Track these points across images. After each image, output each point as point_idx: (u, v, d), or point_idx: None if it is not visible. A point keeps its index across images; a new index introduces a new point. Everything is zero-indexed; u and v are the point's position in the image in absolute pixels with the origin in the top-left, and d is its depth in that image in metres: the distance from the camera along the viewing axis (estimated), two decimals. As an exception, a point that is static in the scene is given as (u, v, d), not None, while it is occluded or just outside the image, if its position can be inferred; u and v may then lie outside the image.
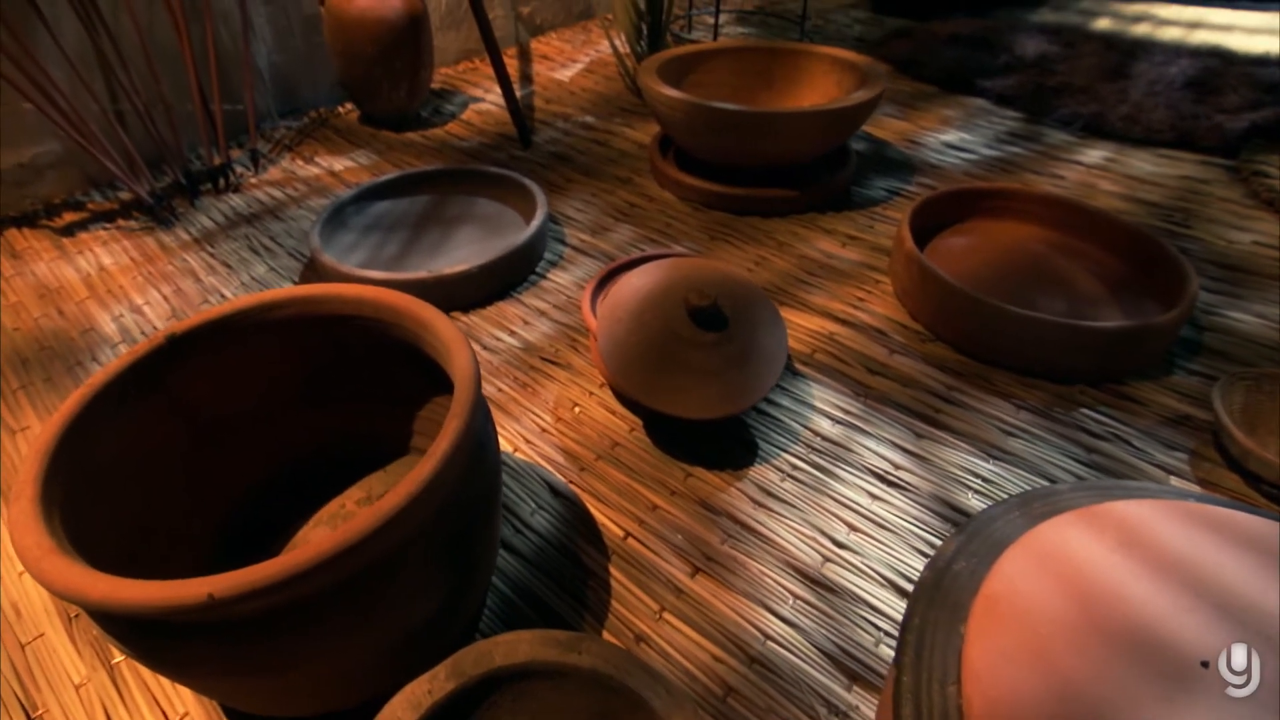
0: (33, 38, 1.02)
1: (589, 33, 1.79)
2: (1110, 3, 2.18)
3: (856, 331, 0.88)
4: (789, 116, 1.00)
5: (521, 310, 0.91)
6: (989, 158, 1.27)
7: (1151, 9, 2.09)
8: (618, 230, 1.06)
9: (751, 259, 1.00)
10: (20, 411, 0.81)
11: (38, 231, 1.10)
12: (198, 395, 0.58)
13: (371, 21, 1.22)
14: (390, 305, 0.56)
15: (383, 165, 1.24)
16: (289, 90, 1.39)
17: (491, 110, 1.42)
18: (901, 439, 0.74)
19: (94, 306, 0.96)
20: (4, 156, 1.10)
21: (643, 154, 1.26)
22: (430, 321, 0.53)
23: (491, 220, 1.04)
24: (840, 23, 1.91)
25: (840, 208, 1.11)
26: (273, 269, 1.01)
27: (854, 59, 1.18)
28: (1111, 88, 1.48)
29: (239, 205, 1.15)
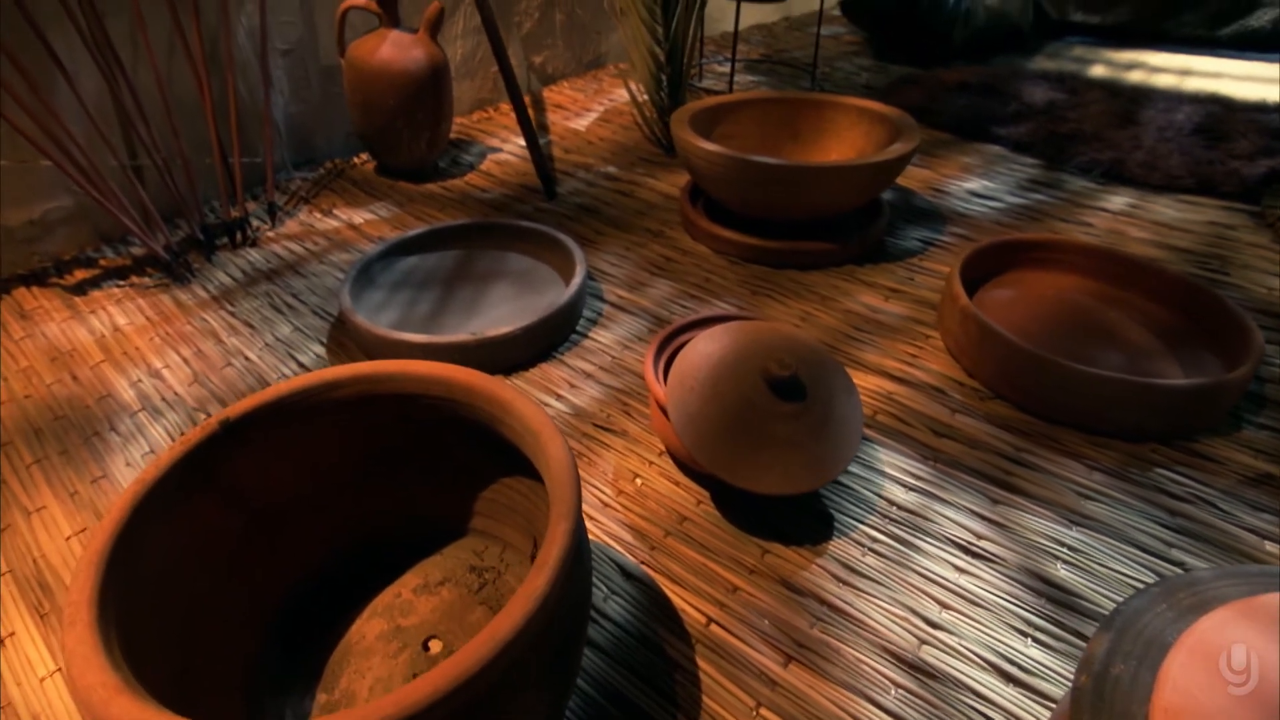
0: (51, 90, 0.99)
1: (600, 81, 1.79)
2: (1100, 50, 2.23)
3: (915, 390, 0.85)
4: (832, 170, 0.99)
5: (566, 372, 0.87)
6: (1015, 206, 1.27)
7: (1141, 56, 2.15)
8: (655, 286, 1.03)
9: (796, 315, 0.98)
10: (35, 489, 0.75)
11: (48, 290, 1.05)
12: (250, 483, 0.53)
13: (394, 73, 1.20)
14: (464, 385, 0.52)
15: (404, 218, 1.21)
16: (304, 141, 1.37)
17: (510, 160, 1.40)
18: (978, 505, 0.71)
19: (110, 370, 0.91)
20: (14, 213, 1.06)
21: (670, 205, 1.24)
22: (511, 404, 0.50)
23: (526, 276, 1.01)
24: (846, 70, 1.93)
25: (877, 260, 1.10)
26: (298, 329, 0.97)
27: (881, 109, 1.18)
28: (1123, 134, 1.50)
29: (257, 260, 1.12)
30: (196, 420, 0.83)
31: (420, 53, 1.21)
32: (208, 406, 0.85)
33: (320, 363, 0.90)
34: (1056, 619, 0.61)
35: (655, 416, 0.73)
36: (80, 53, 1.01)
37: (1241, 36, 2.23)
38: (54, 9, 0.97)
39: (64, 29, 0.99)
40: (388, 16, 1.21)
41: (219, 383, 0.88)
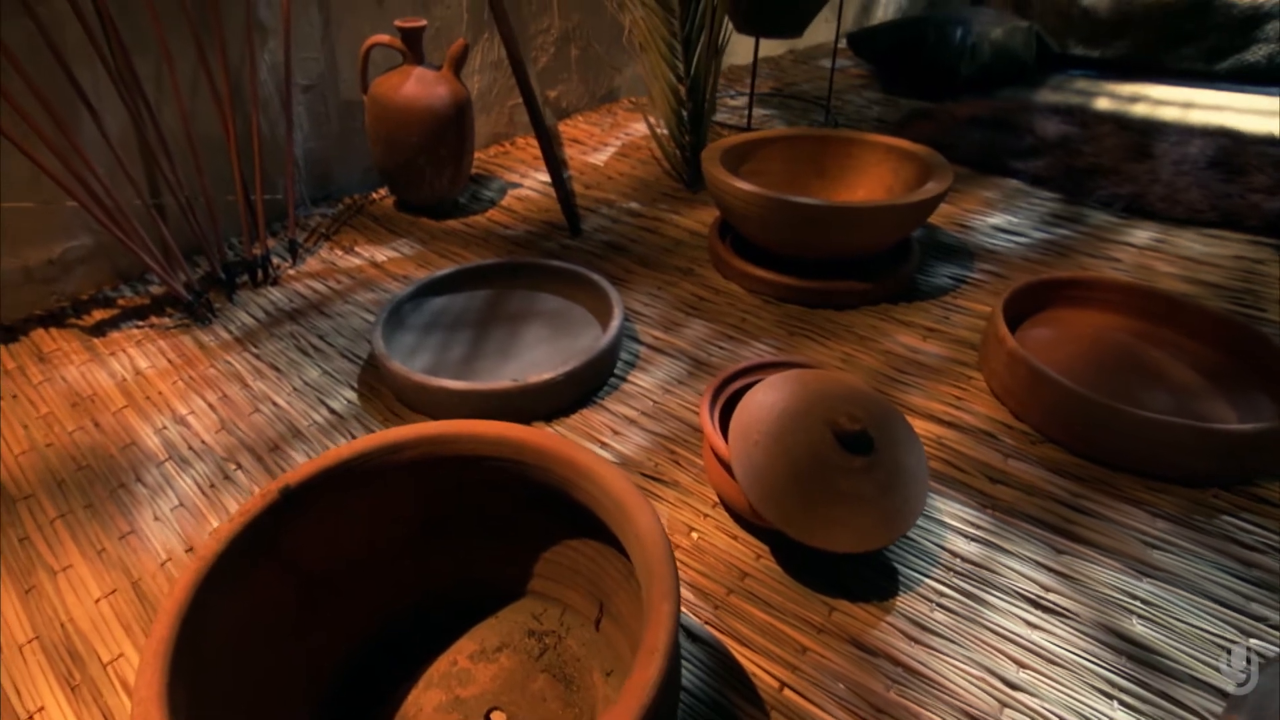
0: (76, 126, 0.97)
1: (615, 115, 1.79)
2: (1102, 83, 2.26)
3: (964, 435, 0.84)
4: (870, 210, 0.98)
5: (608, 418, 0.85)
6: (1040, 241, 1.27)
7: (1143, 89, 2.17)
8: (690, 326, 1.02)
9: (837, 357, 0.96)
10: (60, 547, 0.72)
11: (66, 331, 1.03)
12: (306, 550, 0.51)
13: (418, 110, 1.19)
14: (537, 447, 0.50)
15: (428, 256, 1.20)
16: (322, 177, 1.35)
17: (531, 196, 1.39)
18: (1042, 556, 0.69)
19: (133, 417, 0.88)
20: (34, 253, 1.04)
21: (698, 242, 1.23)
22: (591, 470, 0.48)
23: (559, 317, 0.99)
24: (856, 104, 1.94)
25: (910, 298, 1.09)
26: (326, 373, 0.94)
27: (909, 147, 1.18)
28: (1140, 168, 1.50)
29: (279, 300, 1.09)
30: (226, 471, 0.80)
31: (444, 89, 1.20)
32: (237, 456, 0.82)
33: (352, 409, 0.88)
34: (1140, 679, 0.59)
35: (710, 466, 0.71)
36: (106, 90, 1.00)
37: (1239, 70, 2.26)
38: (80, 43, 0.96)
39: (90, 65, 0.98)
40: (412, 54, 1.21)
41: (247, 430, 0.85)
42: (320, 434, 0.84)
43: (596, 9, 1.71)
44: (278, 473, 0.79)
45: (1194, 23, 2.28)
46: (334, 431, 0.84)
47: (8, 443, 0.85)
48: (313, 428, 0.85)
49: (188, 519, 0.74)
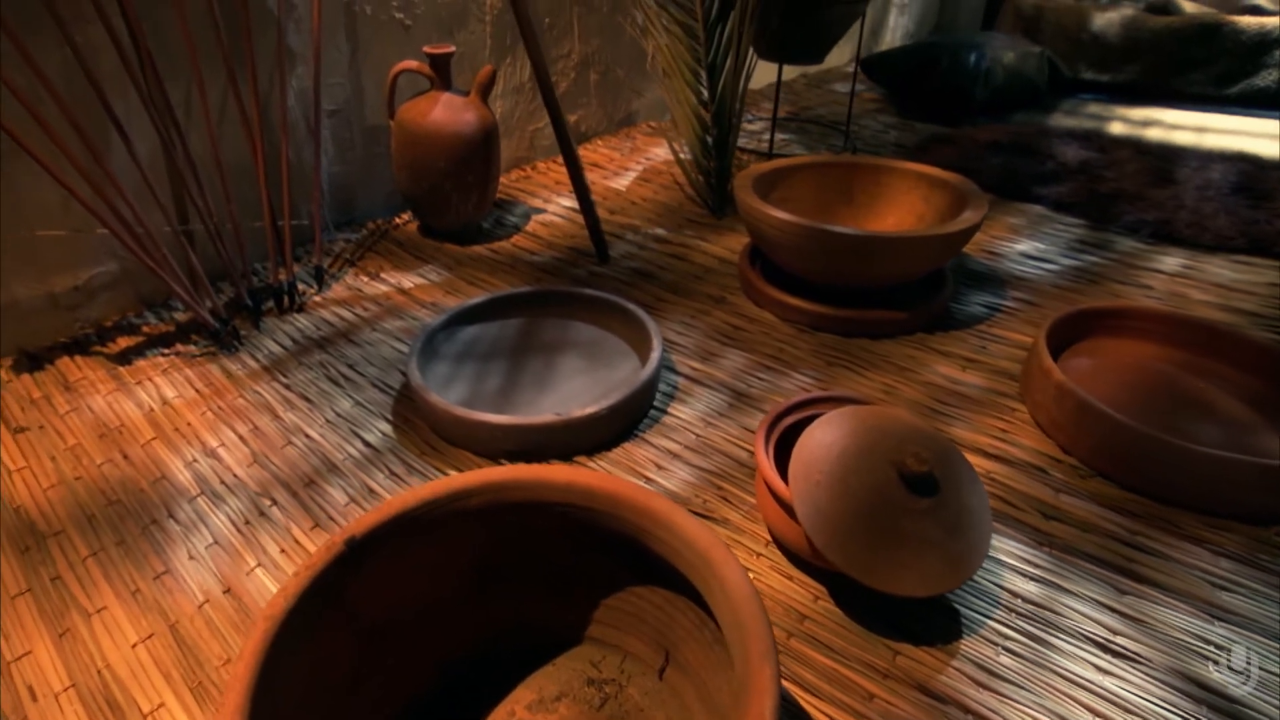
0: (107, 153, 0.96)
1: (634, 140, 1.79)
2: (1114, 107, 2.27)
3: (1013, 469, 0.82)
4: (909, 240, 0.97)
5: (651, 453, 0.84)
6: (1069, 268, 1.26)
7: (1155, 114, 2.18)
8: (727, 356, 1.00)
9: (878, 388, 0.95)
10: (94, 587, 0.70)
11: (91, 359, 1.01)
12: (368, 601, 0.49)
13: (446, 136, 1.18)
14: (609, 495, 0.48)
15: (455, 282, 1.18)
16: (346, 202, 1.34)
17: (556, 221, 1.38)
18: (1105, 597, 0.67)
19: (162, 449, 0.86)
20: (61, 280, 1.02)
21: (727, 269, 1.22)
22: (669, 519, 0.46)
23: (593, 347, 0.98)
24: (873, 128, 1.94)
25: (945, 327, 1.08)
26: (359, 404, 0.92)
27: (940, 174, 1.17)
28: (1163, 193, 1.50)
29: (306, 327, 1.08)
30: (261, 507, 0.78)
31: (472, 115, 1.20)
32: (271, 491, 0.80)
33: (387, 442, 0.86)
34: (1222, 731, 0.57)
35: (764, 504, 0.69)
36: (137, 116, 0.99)
37: (1249, 95, 2.28)
38: (115, 70, 0.95)
39: (123, 92, 0.97)
40: (440, 79, 1.20)
41: (280, 464, 0.83)
42: (356, 468, 0.82)
43: (616, 35, 1.71)
44: (314, 509, 0.77)
45: (1203, 48, 2.29)
46: (370, 466, 0.82)
47: (36, 476, 0.83)
48: (348, 462, 0.83)
49: (223, 558, 0.72)
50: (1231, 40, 2.24)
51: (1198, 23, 2.28)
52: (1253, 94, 2.25)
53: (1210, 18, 2.28)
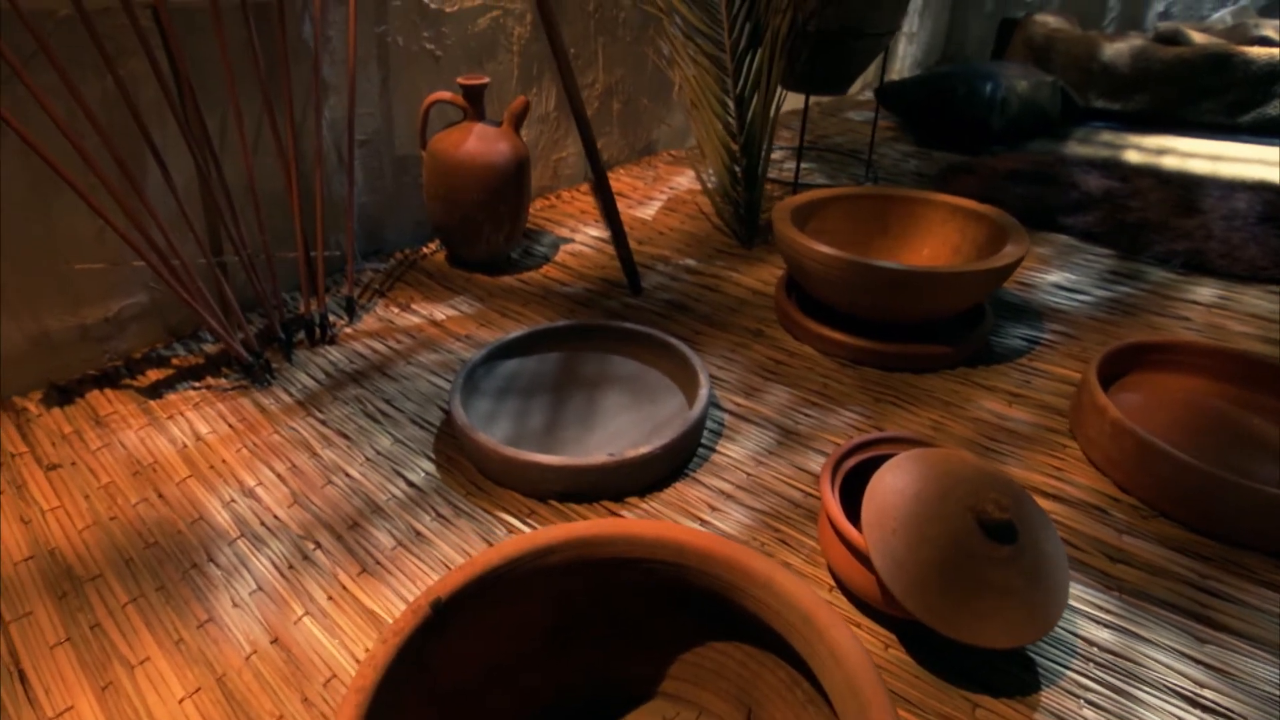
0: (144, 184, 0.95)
1: (656, 168, 1.79)
2: (1126, 135, 2.28)
3: (1073, 510, 0.80)
4: (955, 275, 0.96)
5: (704, 493, 0.82)
6: (1104, 299, 1.25)
7: (1168, 142, 2.19)
8: (771, 391, 0.99)
9: (926, 424, 0.93)
10: (135, 636, 0.67)
11: (121, 393, 0.99)
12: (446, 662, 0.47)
13: (479, 167, 1.17)
14: (702, 551, 0.47)
15: (488, 314, 1.17)
16: (374, 232, 1.33)
17: (585, 252, 1.37)
18: (1184, 646, 0.65)
19: (198, 488, 0.84)
20: (92, 311, 1.01)
21: (761, 301, 1.21)
22: (768, 578, 0.44)
23: (635, 382, 0.96)
24: (892, 157, 1.94)
25: (987, 361, 1.06)
26: (399, 441, 0.90)
27: (976, 207, 1.17)
28: (1190, 223, 1.50)
29: (339, 360, 1.06)
30: (304, 550, 0.76)
31: (505, 146, 1.19)
32: (314, 533, 0.78)
33: (431, 482, 0.84)
34: (1321, 793, 0.54)
35: (830, 550, 0.67)
36: (173, 147, 0.98)
37: (1261, 123, 2.29)
38: (154, 101, 0.94)
39: (161, 123, 0.96)
40: (473, 110, 1.20)
41: (322, 504, 0.81)
42: (401, 509, 0.80)
43: (639, 64, 1.72)
44: (360, 553, 0.75)
45: (1214, 78, 2.31)
46: (415, 507, 0.80)
47: (70, 516, 0.80)
48: (392, 502, 0.81)
49: (269, 605, 0.70)
50: (1242, 70, 2.26)
51: (1208, 53, 2.30)
52: (1265, 123, 2.27)
53: (1220, 48, 2.30)
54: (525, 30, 1.43)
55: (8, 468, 0.87)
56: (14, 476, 0.86)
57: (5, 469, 0.87)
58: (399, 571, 0.72)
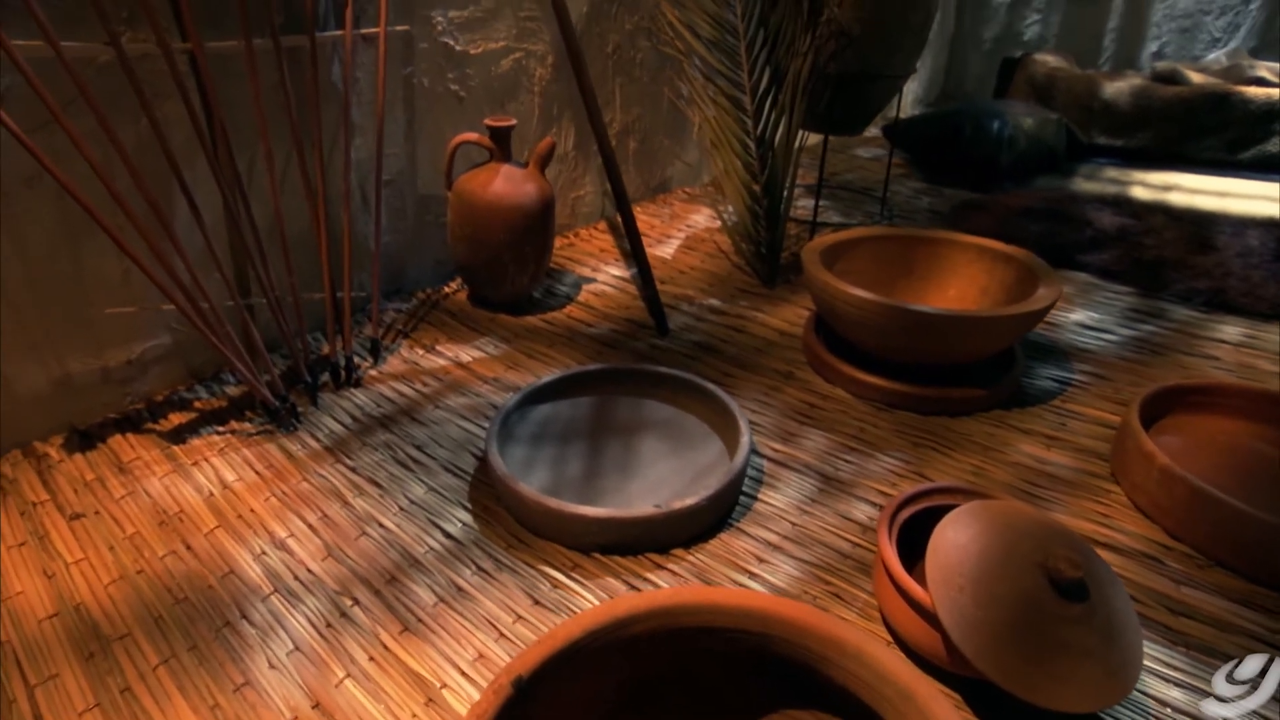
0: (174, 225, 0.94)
1: (671, 206, 1.79)
2: (1130, 171, 2.31)
3: (1126, 559, 0.79)
4: (991, 319, 0.96)
5: (750, 544, 0.80)
6: (1129, 338, 1.25)
7: (1173, 179, 2.22)
8: (808, 437, 0.97)
9: (966, 469, 0.92)
10: (168, 701, 0.65)
11: (144, 437, 0.97)
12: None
13: (506, 208, 1.17)
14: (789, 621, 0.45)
15: (514, 355, 1.16)
16: (396, 271, 1.32)
17: (608, 291, 1.37)
18: (1269, 710, 0.63)
19: (227, 539, 0.82)
20: (115, 354, 0.99)
21: (789, 343, 1.20)
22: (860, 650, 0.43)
23: (671, 427, 0.95)
24: (903, 194, 1.96)
25: (1020, 403, 1.05)
26: (432, 489, 0.88)
27: (1003, 248, 1.17)
28: (1207, 261, 1.50)
29: (365, 404, 1.04)
30: (342, 607, 0.73)
31: (532, 187, 1.19)
32: (351, 588, 0.75)
33: (469, 533, 0.82)
34: None
35: (890, 606, 0.65)
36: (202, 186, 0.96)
37: (1261, 160, 2.32)
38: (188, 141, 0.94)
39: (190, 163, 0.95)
40: (499, 151, 1.20)
41: (357, 557, 0.79)
42: (439, 563, 0.78)
43: (655, 104, 1.73)
44: (400, 610, 0.73)
45: (1213, 116, 2.34)
46: (454, 560, 0.78)
47: (95, 569, 0.78)
48: (430, 555, 0.79)
49: (308, 667, 0.67)
50: (1240, 109, 2.30)
51: (1206, 93, 2.34)
52: (1265, 159, 2.30)
53: (1218, 88, 2.34)
54: (546, 71, 1.44)
55: (29, 517, 0.85)
56: (36, 526, 0.83)
57: (27, 518, 0.85)
58: (442, 630, 0.70)
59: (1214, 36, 2.87)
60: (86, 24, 0.85)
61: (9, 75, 0.81)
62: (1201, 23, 2.88)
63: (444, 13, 1.23)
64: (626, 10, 1.57)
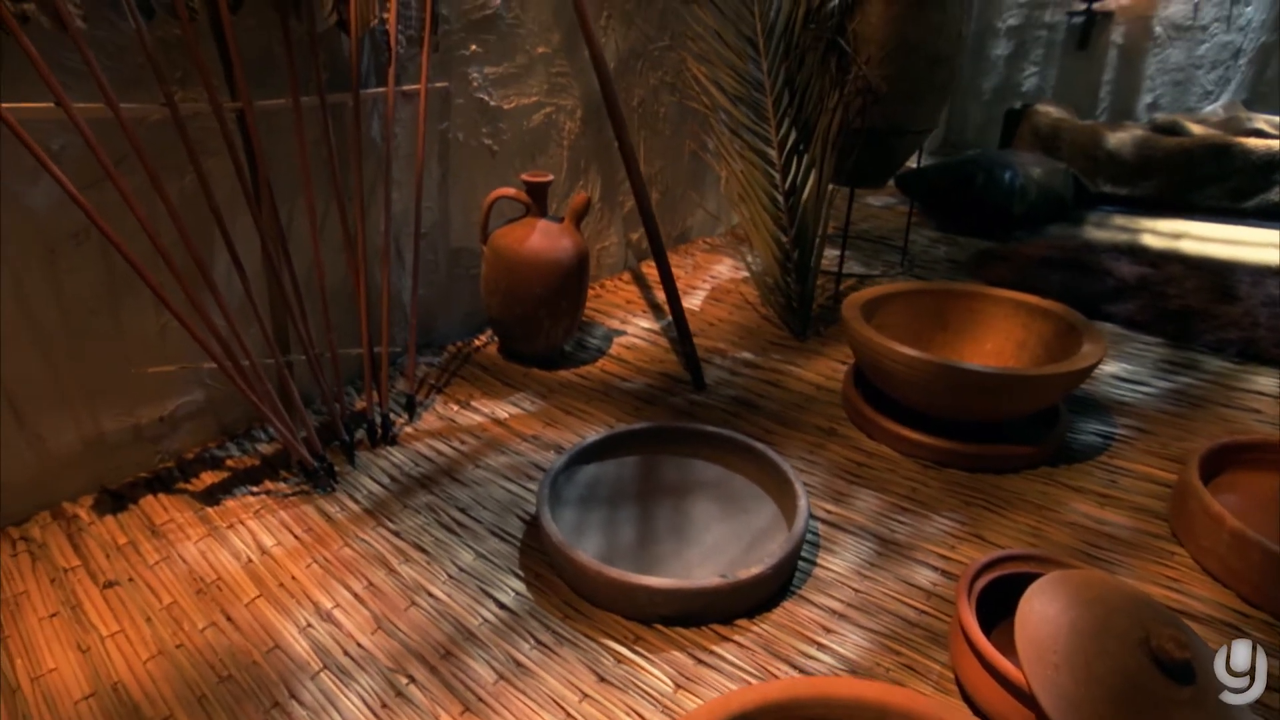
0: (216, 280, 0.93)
1: (694, 256, 1.80)
2: (1139, 219, 2.34)
3: (1203, 627, 0.77)
4: (1044, 378, 0.95)
5: (814, 613, 0.77)
6: (1166, 391, 1.24)
7: (1181, 226, 2.25)
8: (859, 497, 0.95)
9: (1023, 530, 0.90)
10: (220, 789, 0.61)
11: (176, 499, 0.94)
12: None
13: (544, 263, 1.16)
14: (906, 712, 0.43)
15: (551, 411, 1.14)
16: (426, 324, 1.31)
17: (639, 344, 1.36)
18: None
19: (270, 610, 0.79)
20: (148, 411, 0.97)
21: (827, 398, 1.19)
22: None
23: (721, 489, 0.93)
24: (920, 243, 1.97)
25: (1067, 459, 1.04)
26: (481, 555, 0.86)
27: (1040, 303, 1.17)
28: (1232, 310, 1.51)
29: (403, 463, 1.02)
30: (397, 685, 0.70)
31: (568, 242, 1.19)
32: (405, 665, 0.72)
33: (524, 603, 0.79)
34: None
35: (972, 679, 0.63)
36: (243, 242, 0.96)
37: (1264, 208, 2.36)
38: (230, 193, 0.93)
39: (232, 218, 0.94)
40: (536, 206, 1.20)
41: (408, 630, 0.76)
42: (495, 635, 0.75)
43: (677, 156, 1.75)
44: (459, 689, 0.70)
45: (1215, 166, 2.39)
46: (510, 633, 0.75)
47: (132, 643, 0.75)
48: (485, 627, 0.76)
49: (366, 751, 0.64)
50: (1241, 159, 2.35)
51: (1207, 143, 2.39)
52: (1269, 208, 2.34)
53: (1218, 139, 2.39)
54: (575, 125, 1.46)
55: (61, 585, 0.82)
56: (68, 595, 0.80)
57: (58, 586, 0.82)
58: (506, 710, 0.67)
59: (1206, 89, 2.94)
60: (141, 85, 0.85)
61: (63, 136, 0.81)
62: (1193, 76, 2.96)
63: (480, 69, 1.25)
64: (650, 66, 1.59)
